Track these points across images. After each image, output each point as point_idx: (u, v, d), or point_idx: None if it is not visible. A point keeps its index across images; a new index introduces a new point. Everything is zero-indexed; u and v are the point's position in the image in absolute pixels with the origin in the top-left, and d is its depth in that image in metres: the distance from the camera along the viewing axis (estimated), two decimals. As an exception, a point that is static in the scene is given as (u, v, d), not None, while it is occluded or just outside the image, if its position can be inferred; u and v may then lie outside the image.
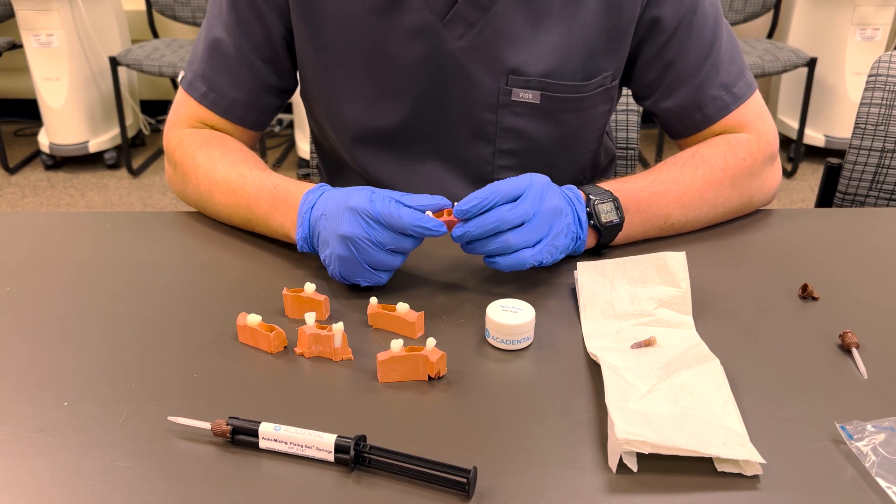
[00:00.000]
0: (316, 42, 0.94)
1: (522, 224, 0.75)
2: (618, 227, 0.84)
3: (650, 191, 0.88)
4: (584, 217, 0.82)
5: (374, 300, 0.73)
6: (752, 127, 0.97)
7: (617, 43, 0.93)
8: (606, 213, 0.83)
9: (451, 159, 1.00)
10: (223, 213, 0.91)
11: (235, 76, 0.96)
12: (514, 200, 0.75)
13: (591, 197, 0.83)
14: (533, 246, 0.76)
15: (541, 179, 0.78)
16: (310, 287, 0.74)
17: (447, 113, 0.96)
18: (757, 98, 0.99)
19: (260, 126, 1.02)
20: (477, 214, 0.75)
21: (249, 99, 0.98)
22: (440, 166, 1.00)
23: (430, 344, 0.66)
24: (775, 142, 0.99)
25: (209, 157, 0.92)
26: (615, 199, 0.84)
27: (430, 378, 0.66)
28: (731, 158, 0.93)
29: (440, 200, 0.75)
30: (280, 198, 0.83)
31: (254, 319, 0.70)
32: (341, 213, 0.74)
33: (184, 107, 1.00)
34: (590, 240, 0.84)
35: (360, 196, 0.75)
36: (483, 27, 0.90)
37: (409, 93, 0.95)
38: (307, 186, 0.82)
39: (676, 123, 1.00)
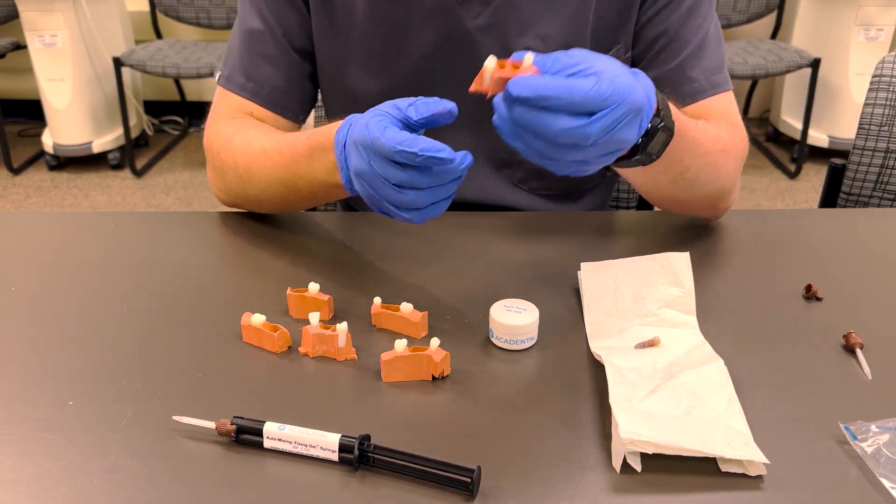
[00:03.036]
0: (333, 23, 0.95)
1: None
2: (662, 143, 0.73)
3: (693, 134, 0.78)
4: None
5: (377, 300, 0.73)
6: (727, 119, 0.93)
7: (627, 14, 0.94)
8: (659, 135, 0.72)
9: (471, 141, 1.00)
10: (268, 187, 0.87)
11: (274, 63, 0.96)
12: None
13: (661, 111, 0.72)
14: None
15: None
16: (314, 287, 0.74)
17: (464, 93, 0.97)
18: (732, 97, 0.97)
19: (299, 116, 1.01)
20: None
21: (289, 86, 0.98)
22: (460, 149, 1.00)
23: (433, 344, 0.66)
24: (746, 148, 0.94)
25: (245, 136, 0.90)
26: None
27: (433, 378, 0.66)
28: (733, 135, 0.89)
29: (444, 105, 0.66)
30: (316, 146, 0.78)
31: (258, 319, 0.70)
32: (349, 147, 0.71)
33: (222, 102, 0.98)
34: None
35: (360, 124, 0.69)
36: (499, 5, 0.91)
37: (426, 74, 0.95)
38: (338, 125, 0.75)
39: None
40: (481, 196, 1.01)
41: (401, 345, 0.65)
